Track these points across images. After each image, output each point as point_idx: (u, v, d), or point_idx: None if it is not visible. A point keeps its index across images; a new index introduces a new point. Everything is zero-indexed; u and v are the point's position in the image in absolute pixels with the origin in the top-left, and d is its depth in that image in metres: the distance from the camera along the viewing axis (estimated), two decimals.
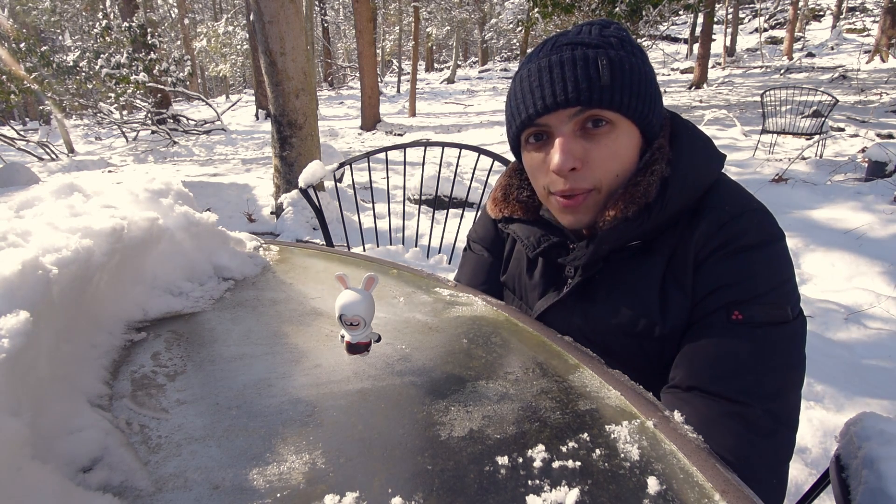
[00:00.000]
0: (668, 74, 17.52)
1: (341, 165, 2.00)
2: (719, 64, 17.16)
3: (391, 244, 2.70)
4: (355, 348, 0.62)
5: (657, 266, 0.72)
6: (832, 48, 16.91)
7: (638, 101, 0.68)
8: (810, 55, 16.42)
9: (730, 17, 18.09)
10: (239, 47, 20.99)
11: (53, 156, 9.60)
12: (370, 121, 11.97)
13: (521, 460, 0.48)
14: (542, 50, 0.71)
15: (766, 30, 20.85)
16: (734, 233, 0.68)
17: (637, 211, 0.69)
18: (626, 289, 0.74)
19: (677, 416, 0.56)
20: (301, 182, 1.92)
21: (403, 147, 2.08)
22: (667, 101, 11.60)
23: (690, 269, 0.69)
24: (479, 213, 1.01)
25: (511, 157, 0.93)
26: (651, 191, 0.69)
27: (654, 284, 0.71)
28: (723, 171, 0.75)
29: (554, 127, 0.69)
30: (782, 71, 14.39)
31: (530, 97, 0.69)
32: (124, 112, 12.39)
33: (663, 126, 0.74)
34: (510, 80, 0.78)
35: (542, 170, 0.72)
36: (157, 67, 10.60)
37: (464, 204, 2.34)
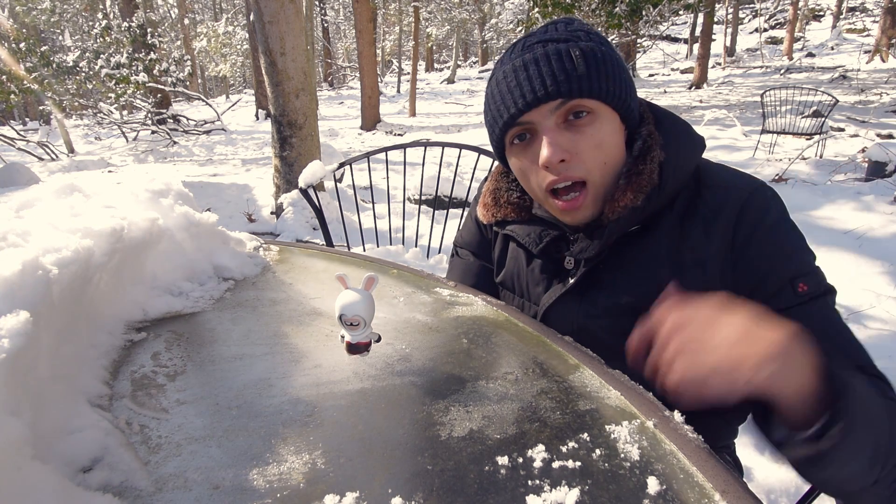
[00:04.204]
0: (668, 74, 17.51)
1: (341, 165, 2.00)
2: (719, 64, 17.15)
3: (391, 244, 2.70)
4: (355, 348, 0.62)
5: (661, 243, 0.74)
6: (832, 48, 16.91)
7: (615, 87, 0.70)
8: (810, 55, 16.42)
9: (730, 17, 18.09)
10: (239, 47, 21.00)
11: (53, 156, 9.60)
12: (370, 121, 11.97)
13: (521, 460, 0.48)
14: (512, 52, 0.73)
15: (766, 30, 20.85)
16: (758, 210, 0.70)
17: (645, 198, 0.71)
18: (634, 269, 0.75)
19: (677, 416, 0.56)
20: (301, 182, 1.92)
21: (403, 147, 2.08)
22: (667, 101, 11.59)
23: (716, 245, 0.71)
24: (464, 218, 1.01)
25: None
26: (654, 177, 0.71)
27: (663, 260, 0.73)
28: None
29: (537, 123, 0.70)
30: (782, 71, 14.39)
31: (510, 97, 0.71)
32: (124, 112, 12.39)
33: (645, 114, 0.77)
34: None
35: (531, 168, 0.73)
36: (157, 67, 10.60)
37: (464, 204, 2.34)
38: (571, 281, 0.80)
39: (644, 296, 0.74)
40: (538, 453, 0.48)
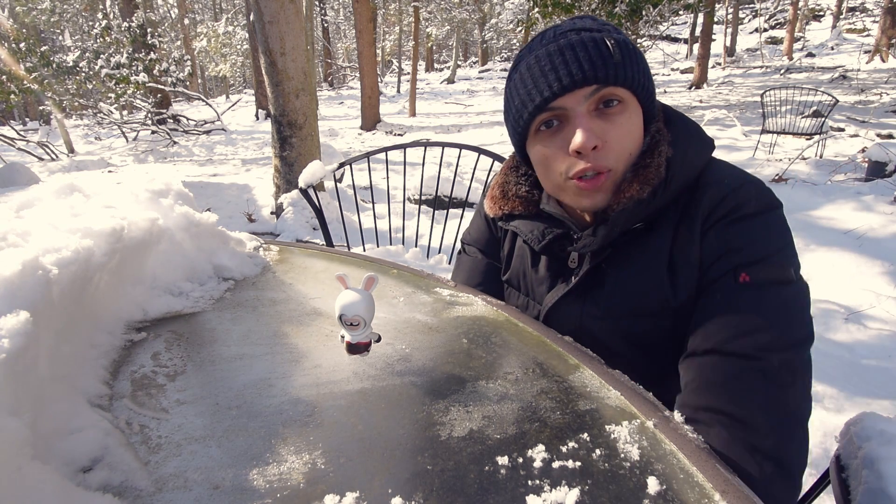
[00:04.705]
0: (668, 74, 17.50)
1: (341, 165, 2.00)
2: (719, 64, 17.14)
3: (391, 244, 2.70)
4: (355, 348, 0.62)
5: (663, 244, 0.73)
6: (832, 48, 16.91)
7: (645, 78, 0.71)
8: (810, 55, 16.41)
9: (730, 17, 18.09)
10: (239, 47, 21.01)
11: (53, 156, 9.60)
12: (370, 121, 11.96)
13: (521, 460, 0.48)
14: (543, 38, 0.73)
15: (766, 30, 20.85)
16: (736, 203, 0.70)
17: (650, 192, 0.71)
18: (636, 270, 0.75)
19: (677, 415, 0.56)
20: (301, 182, 1.92)
21: (403, 147, 2.08)
22: (667, 101, 11.52)
23: (697, 242, 0.71)
24: (473, 215, 1.01)
25: None
26: (661, 171, 0.71)
27: (663, 262, 0.73)
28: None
29: (570, 109, 0.70)
30: (782, 71, 14.38)
31: (544, 81, 0.70)
32: (124, 112, 12.39)
33: (656, 112, 0.78)
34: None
35: (559, 155, 0.72)
36: (157, 67, 10.60)
37: (464, 204, 2.34)
38: (574, 280, 0.80)
39: (644, 297, 0.75)
40: (538, 453, 0.48)
